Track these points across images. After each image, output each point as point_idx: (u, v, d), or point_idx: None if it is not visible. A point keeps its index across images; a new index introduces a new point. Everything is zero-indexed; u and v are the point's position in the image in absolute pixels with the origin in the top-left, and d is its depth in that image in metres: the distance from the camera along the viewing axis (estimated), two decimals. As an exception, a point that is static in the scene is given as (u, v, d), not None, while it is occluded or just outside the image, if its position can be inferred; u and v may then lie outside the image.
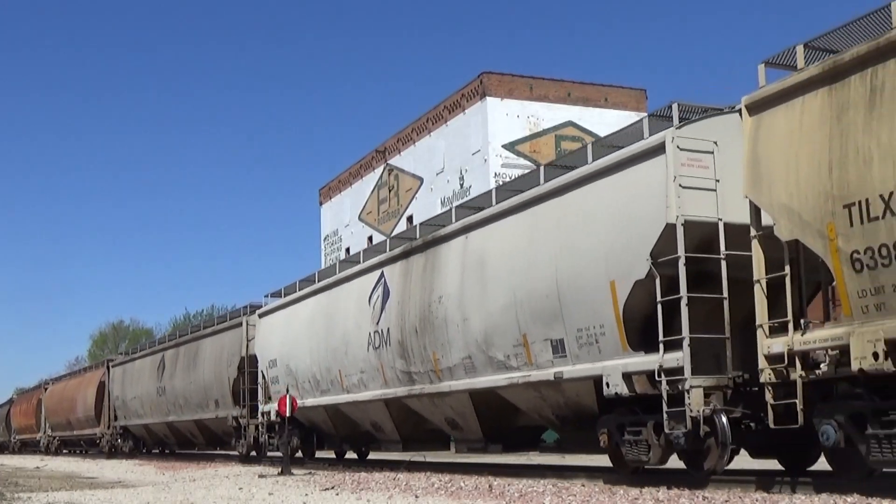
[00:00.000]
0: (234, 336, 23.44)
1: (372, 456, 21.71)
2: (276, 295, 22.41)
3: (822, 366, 8.47)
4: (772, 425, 9.06)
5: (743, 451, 10.96)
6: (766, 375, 9.00)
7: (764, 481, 10.00)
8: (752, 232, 9.30)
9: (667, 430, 10.38)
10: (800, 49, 8.98)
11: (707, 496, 9.10)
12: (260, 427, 22.15)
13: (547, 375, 12.21)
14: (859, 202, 7.88)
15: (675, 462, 11.21)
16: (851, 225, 7.96)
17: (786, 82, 8.87)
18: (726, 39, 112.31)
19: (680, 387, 10.15)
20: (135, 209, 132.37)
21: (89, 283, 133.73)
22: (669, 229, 10.20)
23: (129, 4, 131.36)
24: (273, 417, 21.50)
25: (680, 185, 10.22)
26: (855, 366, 7.99)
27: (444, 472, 14.88)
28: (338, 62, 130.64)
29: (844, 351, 8.19)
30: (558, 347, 12.04)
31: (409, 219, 47.75)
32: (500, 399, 13.64)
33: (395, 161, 51.12)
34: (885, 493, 8.26)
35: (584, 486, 11.38)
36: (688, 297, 10.10)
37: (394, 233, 39.92)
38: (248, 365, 22.74)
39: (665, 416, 10.35)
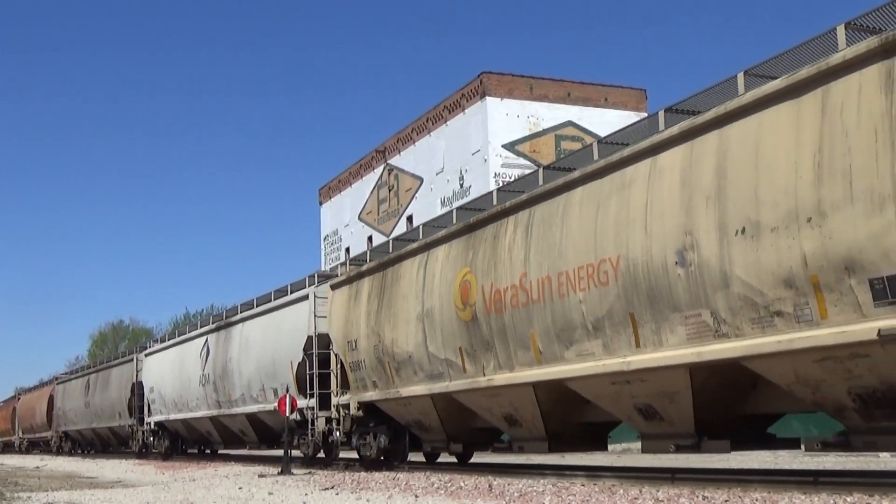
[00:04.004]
0: (129, 368, 33.39)
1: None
2: (156, 341, 32.50)
3: (352, 410, 18.62)
4: (339, 440, 19.25)
5: (741, 452, 11.82)
6: (334, 413, 19.19)
7: (764, 481, 10.33)
8: (331, 348, 19.45)
9: (310, 438, 20.54)
10: (347, 257, 19.20)
11: (707, 496, 9.09)
12: (145, 432, 32.14)
13: (271, 407, 22.38)
14: (352, 340, 18.07)
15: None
16: (351, 350, 18.15)
17: (340, 278, 19.06)
18: (726, 39, 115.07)
19: (313, 416, 20.33)
20: (135, 209, 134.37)
21: (89, 283, 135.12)
22: (310, 338, 20.32)
23: (129, 6, 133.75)
24: (152, 427, 31.58)
25: (315, 315, 20.36)
26: (352, 413, 18.20)
27: (444, 472, 15.12)
28: (338, 62, 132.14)
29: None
30: (276, 392, 22.17)
31: (409, 219, 47.85)
32: (258, 419, 23.79)
33: (395, 161, 51.47)
34: (885, 492, 8.48)
35: (583, 485, 11.40)
36: (318, 372, 20.28)
37: (393, 233, 42.58)
38: (138, 389, 32.66)
39: (309, 431, 20.51)
